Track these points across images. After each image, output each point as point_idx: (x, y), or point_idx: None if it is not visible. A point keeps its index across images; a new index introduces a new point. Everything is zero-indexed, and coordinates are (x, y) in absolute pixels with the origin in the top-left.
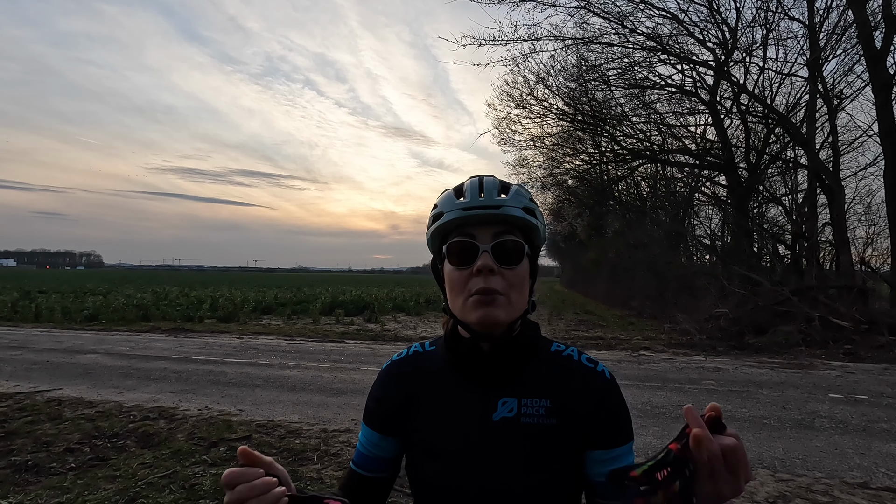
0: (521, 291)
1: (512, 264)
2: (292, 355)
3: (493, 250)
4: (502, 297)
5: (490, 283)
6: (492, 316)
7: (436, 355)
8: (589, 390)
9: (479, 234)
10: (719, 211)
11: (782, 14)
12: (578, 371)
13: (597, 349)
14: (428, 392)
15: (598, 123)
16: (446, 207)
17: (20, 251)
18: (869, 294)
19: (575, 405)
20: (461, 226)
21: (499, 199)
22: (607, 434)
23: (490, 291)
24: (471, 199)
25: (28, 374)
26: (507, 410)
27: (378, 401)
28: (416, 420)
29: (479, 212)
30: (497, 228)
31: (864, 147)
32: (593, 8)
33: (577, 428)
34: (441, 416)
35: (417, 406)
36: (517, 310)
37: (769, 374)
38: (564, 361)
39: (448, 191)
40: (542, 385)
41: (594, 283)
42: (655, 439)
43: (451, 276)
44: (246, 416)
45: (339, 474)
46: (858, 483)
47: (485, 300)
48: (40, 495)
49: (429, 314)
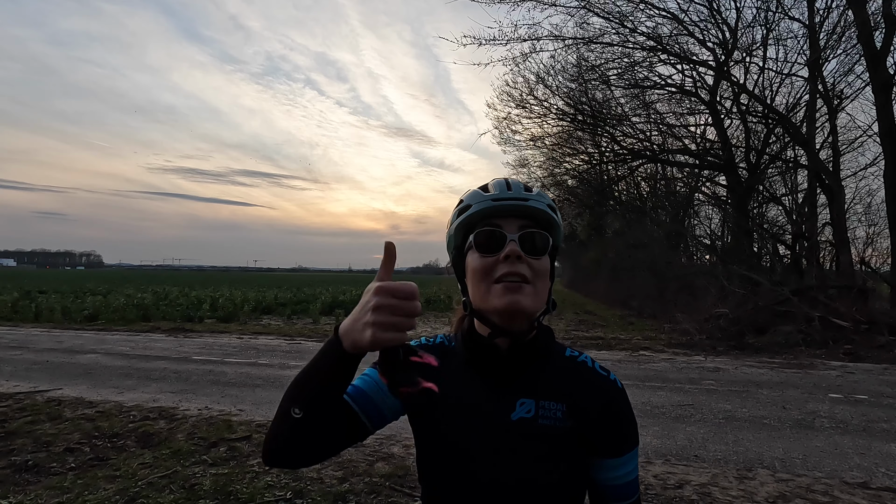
0: (544, 283)
1: (538, 254)
2: (292, 355)
3: (521, 239)
4: (528, 286)
5: (517, 268)
6: (518, 303)
7: (456, 352)
8: (602, 398)
9: (505, 225)
10: (719, 211)
11: (782, 14)
12: (593, 378)
13: (597, 349)
14: (448, 386)
15: (598, 123)
16: (474, 200)
17: (20, 251)
18: (869, 294)
19: (586, 410)
20: (488, 217)
21: (526, 193)
22: (616, 442)
23: (519, 276)
24: (499, 193)
25: (28, 374)
26: (526, 411)
27: None
28: (433, 411)
29: (507, 203)
30: (522, 222)
31: (864, 147)
32: (593, 8)
33: (587, 433)
34: (459, 412)
35: (436, 397)
36: (541, 301)
37: (769, 374)
38: (580, 367)
39: (474, 189)
40: (559, 389)
41: (594, 283)
42: (656, 439)
43: (475, 265)
44: (246, 416)
45: (339, 474)
46: (858, 483)
47: (512, 286)
48: (40, 495)
49: (429, 314)
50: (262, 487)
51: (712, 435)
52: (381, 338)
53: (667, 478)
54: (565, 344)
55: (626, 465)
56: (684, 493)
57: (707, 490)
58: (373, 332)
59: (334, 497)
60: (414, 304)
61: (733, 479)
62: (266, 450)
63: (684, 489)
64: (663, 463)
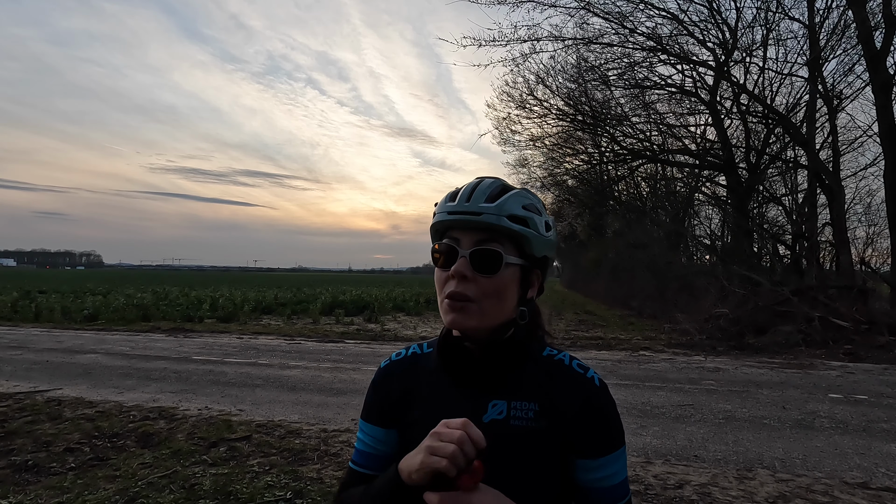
0: (497, 300)
1: (487, 273)
2: (292, 355)
3: (471, 257)
4: (473, 305)
5: (462, 288)
6: (459, 322)
7: (432, 357)
8: (576, 396)
9: (463, 239)
10: (719, 211)
11: (782, 14)
12: (567, 376)
13: (597, 349)
14: (423, 391)
15: (598, 123)
16: (439, 209)
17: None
18: (869, 294)
19: (562, 410)
20: (449, 228)
21: (483, 205)
22: (594, 442)
23: (459, 297)
24: (457, 204)
25: (28, 374)
26: (497, 413)
27: (377, 394)
28: (411, 415)
29: (459, 217)
30: (480, 235)
31: (864, 147)
32: (593, 8)
33: (563, 432)
34: (433, 416)
35: (413, 403)
36: (492, 318)
37: (769, 374)
38: (555, 366)
39: (449, 192)
40: (532, 388)
41: (594, 283)
42: (655, 439)
43: (436, 277)
44: (246, 416)
45: (339, 474)
46: (858, 483)
47: (455, 305)
48: (40, 495)
49: (429, 314)
50: (262, 487)
51: (712, 435)
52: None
53: (667, 478)
54: (548, 345)
55: (609, 466)
56: (684, 494)
57: (707, 490)
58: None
59: (334, 497)
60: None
61: (733, 479)
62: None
63: (684, 489)
64: (663, 463)
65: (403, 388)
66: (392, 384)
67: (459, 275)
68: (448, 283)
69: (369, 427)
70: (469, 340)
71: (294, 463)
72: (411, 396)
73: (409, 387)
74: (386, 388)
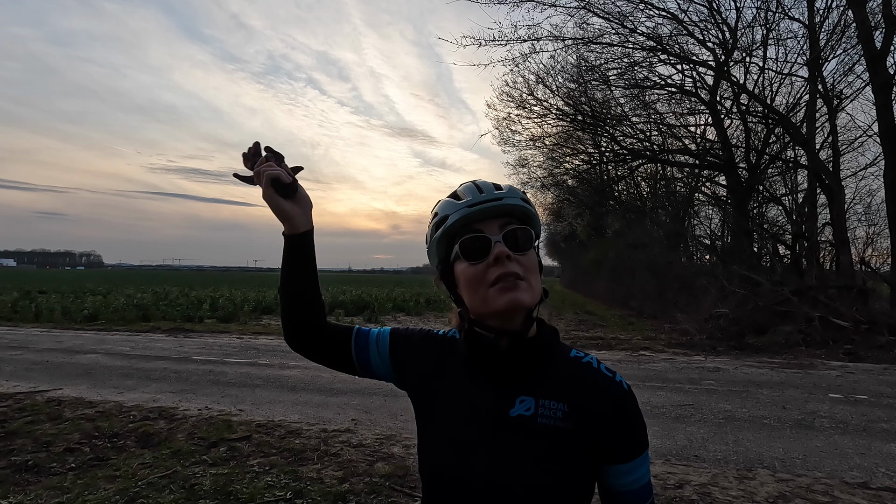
0: (536, 276)
1: (523, 250)
2: (292, 355)
3: (505, 238)
4: (523, 282)
5: (509, 268)
6: (517, 299)
7: (460, 348)
8: (606, 400)
9: (486, 229)
10: (719, 211)
11: (782, 14)
12: (597, 380)
13: (597, 349)
14: (452, 376)
15: (598, 123)
16: (449, 210)
17: (20, 251)
18: (869, 294)
19: (592, 412)
20: (466, 224)
21: (498, 192)
22: (625, 447)
23: (513, 276)
24: (472, 198)
25: (28, 374)
26: (525, 409)
27: (419, 342)
28: (433, 384)
29: (483, 206)
30: (502, 220)
31: (864, 147)
32: (593, 8)
33: (591, 435)
34: (457, 406)
35: (441, 374)
36: (537, 294)
37: (769, 374)
38: (584, 368)
39: (444, 199)
40: (561, 388)
41: (594, 283)
42: (656, 439)
43: (466, 274)
44: (246, 416)
45: (339, 474)
46: (858, 483)
47: (508, 285)
48: (40, 495)
49: (429, 314)
50: (262, 487)
51: (712, 435)
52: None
53: (667, 478)
54: (570, 345)
55: (638, 468)
56: (684, 493)
57: (707, 490)
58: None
59: (334, 497)
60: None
61: (733, 479)
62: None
63: (684, 489)
64: (663, 463)
65: (437, 360)
66: (433, 350)
67: (503, 257)
68: (490, 271)
69: (386, 341)
70: (505, 334)
71: (294, 463)
72: (440, 369)
73: (443, 365)
74: (426, 347)
